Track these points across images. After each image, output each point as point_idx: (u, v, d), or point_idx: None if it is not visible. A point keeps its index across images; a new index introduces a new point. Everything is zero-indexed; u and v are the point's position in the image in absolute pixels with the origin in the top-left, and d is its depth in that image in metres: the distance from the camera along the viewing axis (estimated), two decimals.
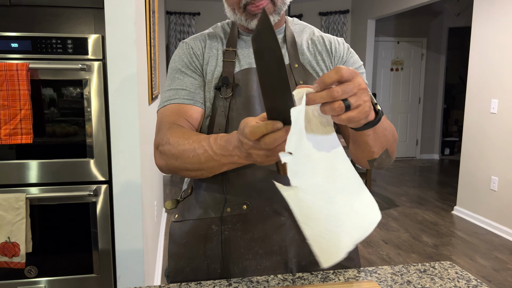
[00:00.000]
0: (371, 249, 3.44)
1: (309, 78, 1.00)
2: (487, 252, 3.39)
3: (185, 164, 0.86)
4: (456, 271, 0.95)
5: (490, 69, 3.92)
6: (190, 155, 0.83)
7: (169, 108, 0.98)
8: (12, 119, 1.65)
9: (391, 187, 5.44)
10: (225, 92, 0.97)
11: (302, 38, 1.06)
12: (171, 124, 0.94)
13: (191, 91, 0.99)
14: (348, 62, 1.04)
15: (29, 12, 1.77)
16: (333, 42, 1.06)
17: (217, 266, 0.98)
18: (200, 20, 6.71)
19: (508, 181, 3.70)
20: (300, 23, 1.11)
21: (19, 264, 1.74)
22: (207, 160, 0.81)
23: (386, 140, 0.87)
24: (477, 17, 4.10)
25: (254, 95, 0.97)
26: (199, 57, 1.02)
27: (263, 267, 0.96)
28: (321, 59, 1.03)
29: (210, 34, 1.07)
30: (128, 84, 1.74)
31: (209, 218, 0.98)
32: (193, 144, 0.83)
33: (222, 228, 0.97)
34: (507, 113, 3.73)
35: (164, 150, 0.89)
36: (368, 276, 0.92)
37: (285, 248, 0.96)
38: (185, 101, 0.97)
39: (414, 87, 7.18)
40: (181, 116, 0.96)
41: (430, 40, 7.06)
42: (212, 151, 0.79)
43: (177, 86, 1.00)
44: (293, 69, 1.00)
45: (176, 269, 1.02)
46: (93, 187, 1.80)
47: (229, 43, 1.03)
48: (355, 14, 6.64)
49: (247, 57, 1.02)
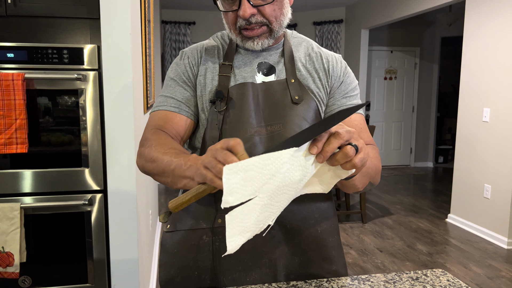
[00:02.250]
0: (366, 257, 3.44)
1: (305, 94, 1.01)
2: (481, 260, 3.41)
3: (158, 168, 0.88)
4: (448, 278, 0.96)
5: (482, 78, 3.97)
6: (164, 160, 0.86)
7: (158, 113, 1.02)
8: (8, 129, 1.65)
9: (386, 196, 5.47)
10: (219, 105, 0.98)
11: (299, 53, 1.06)
12: (156, 129, 0.98)
13: (178, 100, 1.01)
14: (345, 83, 1.05)
15: (25, 22, 1.78)
16: (331, 61, 1.06)
17: (207, 277, 0.99)
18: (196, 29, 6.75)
19: (501, 188, 3.73)
20: (299, 37, 1.11)
21: (13, 274, 1.73)
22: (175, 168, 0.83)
23: (370, 176, 0.91)
24: (468, 27, 4.16)
25: (248, 109, 0.98)
26: (194, 68, 1.04)
27: (253, 279, 0.97)
28: (318, 77, 1.04)
29: (208, 45, 1.07)
30: (124, 93, 1.75)
31: (200, 228, 0.99)
32: (171, 153, 0.86)
33: (213, 239, 0.98)
34: (499, 121, 3.77)
35: (144, 152, 0.93)
36: (361, 284, 0.93)
37: (274, 261, 0.97)
38: (171, 108, 1.01)
39: (408, 96, 7.24)
40: (167, 123, 0.99)
41: (423, 50, 7.14)
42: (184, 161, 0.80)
43: (168, 93, 1.03)
44: (289, 84, 1.01)
45: (167, 279, 1.03)
46: (88, 197, 1.80)
47: (226, 57, 1.04)
48: (349, 23, 6.71)
49: (243, 71, 1.02)
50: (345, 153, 0.68)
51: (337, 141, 0.67)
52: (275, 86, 1.01)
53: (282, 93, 1.00)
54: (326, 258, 1.03)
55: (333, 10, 6.88)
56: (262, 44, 0.98)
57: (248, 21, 0.94)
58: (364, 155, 0.71)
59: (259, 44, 0.98)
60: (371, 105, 7.13)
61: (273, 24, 0.96)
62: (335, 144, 0.67)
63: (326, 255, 1.02)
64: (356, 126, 1.01)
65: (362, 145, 0.71)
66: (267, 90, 1.00)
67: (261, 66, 1.03)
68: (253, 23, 0.94)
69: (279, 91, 1.00)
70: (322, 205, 1.04)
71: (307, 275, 1.01)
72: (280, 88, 1.00)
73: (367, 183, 0.91)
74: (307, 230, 0.99)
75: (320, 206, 1.03)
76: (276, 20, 0.96)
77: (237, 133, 0.96)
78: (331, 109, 1.04)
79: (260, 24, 0.95)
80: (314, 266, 1.01)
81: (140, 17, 2.20)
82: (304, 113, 0.99)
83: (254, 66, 1.03)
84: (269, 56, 1.04)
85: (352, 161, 0.69)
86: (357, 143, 0.70)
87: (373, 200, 5.24)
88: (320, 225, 1.02)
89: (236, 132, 0.96)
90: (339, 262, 1.05)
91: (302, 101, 1.00)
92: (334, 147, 0.68)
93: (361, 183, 0.88)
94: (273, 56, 1.05)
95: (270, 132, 0.97)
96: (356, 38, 6.40)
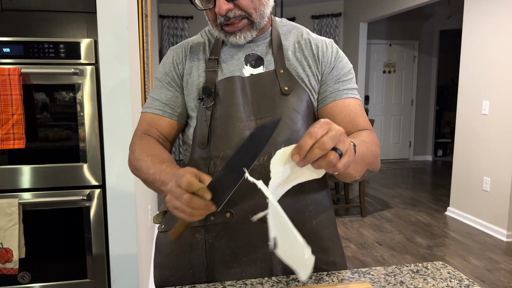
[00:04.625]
0: (365, 250, 3.45)
1: (294, 84, 0.98)
2: (480, 253, 3.42)
3: (140, 177, 0.93)
4: (448, 271, 0.96)
5: (481, 70, 3.96)
6: (144, 171, 0.89)
7: (145, 116, 1.04)
8: (4, 124, 1.64)
9: (385, 189, 5.47)
10: (206, 101, 0.97)
11: (288, 42, 1.03)
12: (142, 134, 1.01)
13: (163, 102, 1.02)
14: (337, 68, 1.02)
15: (21, 17, 1.76)
16: (321, 46, 1.03)
17: (202, 275, 0.98)
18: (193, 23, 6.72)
19: (500, 181, 3.74)
20: (289, 24, 1.08)
21: (12, 270, 1.72)
22: (153, 181, 0.87)
23: (366, 163, 0.88)
24: (467, 19, 4.14)
25: (236, 103, 0.96)
26: (178, 67, 1.03)
27: (248, 274, 0.97)
28: (307, 65, 1.01)
29: (194, 42, 1.06)
30: (121, 88, 1.74)
31: (193, 227, 0.98)
32: (149, 163, 0.89)
33: (206, 236, 0.98)
34: (498, 114, 3.77)
35: (130, 158, 0.97)
36: (361, 277, 0.93)
37: (269, 255, 0.96)
38: (156, 111, 1.02)
39: (407, 89, 7.23)
40: (152, 126, 1.02)
41: (422, 43, 7.12)
42: (159, 175, 0.84)
43: (154, 95, 1.04)
44: (278, 75, 0.98)
45: (162, 280, 1.02)
46: (86, 192, 1.79)
47: (212, 52, 1.02)
48: (347, 17, 6.69)
49: (230, 65, 1.00)
50: (328, 160, 0.66)
51: (320, 152, 0.66)
52: (264, 78, 0.98)
53: (271, 84, 0.98)
54: (323, 249, 1.01)
55: (332, 4, 6.85)
56: (245, 38, 0.97)
57: (226, 16, 0.92)
58: (349, 158, 0.69)
59: (242, 38, 0.96)
60: (370, 99, 7.12)
61: (253, 16, 0.94)
62: (318, 154, 0.66)
63: (322, 246, 1.01)
64: (351, 111, 0.99)
65: (348, 146, 0.69)
66: (256, 83, 0.98)
67: (249, 58, 1.01)
68: (231, 17, 0.92)
69: (268, 83, 0.98)
70: (317, 197, 1.02)
71: None
72: (269, 79, 0.98)
73: (364, 171, 0.89)
74: (302, 223, 0.97)
75: (314, 198, 1.01)
76: (256, 11, 0.94)
77: (226, 128, 0.95)
78: (324, 96, 1.01)
79: (240, 18, 0.93)
80: None
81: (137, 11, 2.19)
82: (295, 104, 0.96)
83: (242, 58, 1.01)
84: (257, 47, 1.02)
85: (335, 167, 0.67)
86: (342, 146, 0.67)
87: (372, 193, 5.25)
88: (315, 217, 1.01)
89: (225, 127, 0.95)
90: (337, 253, 1.04)
91: (292, 91, 0.97)
92: (316, 156, 0.66)
93: (357, 172, 0.86)
94: (261, 46, 1.02)
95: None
96: (355, 32, 6.38)
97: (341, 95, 1.00)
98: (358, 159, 0.82)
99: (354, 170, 0.84)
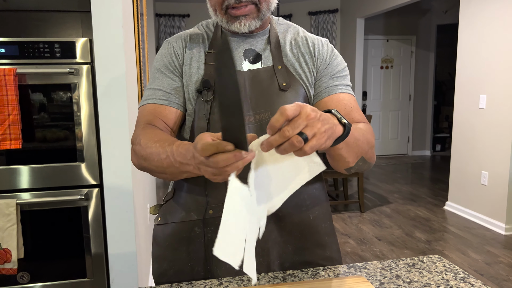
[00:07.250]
0: (365, 246, 3.46)
1: (292, 80, 1.00)
2: (479, 246, 3.43)
3: (151, 166, 0.88)
4: (444, 264, 0.96)
5: (478, 65, 3.96)
6: (155, 159, 0.85)
7: (146, 107, 1.00)
8: (1, 125, 1.64)
9: (384, 185, 5.48)
10: (206, 95, 0.97)
11: (286, 39, 1.05)
12: (146, 124, 0.96)
13: (167, 91, 1.00)
14: (332, 64, 1.04)
15: (16, 17, 1.76)
16: (317, 43, 1.05)
17: (200, 269, 0.99)
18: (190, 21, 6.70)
19: (498, 175, 3.75)
20: (285, 23, 1.10)
21: (11, 270, 1.73)
22: (168, 165, 0.82)
23: (360, 149, 0.88)
24: (464, 14, 4.14)
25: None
26: (179, 57, 1.02)
27: None
28: (304, 61, 1.03)
29: (193, 33, 1.06)
30: (117, 87, 1.74)
31: (192, 220, 0.99)
32: (159, 148, 0.84)
33: (204, 230, 0.98)
34: (495, 108, 3.77)
35: (135, 150, 0.92)
36: (357, 272, 0.93)
37: (267, 250, 0.97)
38: (160, 101, 0.99)
39: (405, 85, 7.23)
40: (157, 117, 0.97)
41: (419, 38, 7.12)
42: (173, 157, 0.80)
43: (155, 86, 1.01)
44: (276, 71, 0.99)
45: (159, 272, 1.02)
46: (84, 191, 1.79)
47: (211, 45, 1.02)
48: (344, 13, 6.68)
49: None
50: (291, 143, 0.65)
51: (281, 139, 0.65)
52: (262, 73, 0.99)
53: (269, 80, 0.98)
54: (320, 245, 1.02)
55: (328, 0, 6.83)
56: (249, 26, 0.97)
57: None
58: (318, 141, 0.67)
59: (246, 26, 0.96)
60: (368, 95, 7.12)
61: (262, 4, 0.96)
62: (279, 141, 0.65)
63: (319, 241, 1.02)
64: (346, 105, 0.99)
65: (317, 130, 0.67)
66: (254, 78, 0.99)
67: (247, 54, 1.02)
68: (242, 1, 0.93)
69: (266, 78, 0.99)
70: (313, 191, 1.03)
71: (301, 262, 1.01)
72: (267, 75, 0.99)
73: (358, 157, 0.89)
74: (299, 217, 0.98)
75: (311, 192, 1.02)
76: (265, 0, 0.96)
77: None
78: (319, 91, 1.02)
79: (250, 2, 0.94)
80: (307, 253, 1.01)
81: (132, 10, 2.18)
82: (292, 100, 0.97)
83: (241, 53, 1.01)
84: (255, 43, 1.03)
85: (302, 149, 0.66)
86: (310, 130, 0.66)
87: (371, 189, 5.26)
88: (312, 211, 1.02)
89: None
90: (333, 248, 1.05)
91: (289, 87, 0.98)
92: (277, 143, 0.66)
93: (350, 156, 0.85)
94: (259, 42, 1.03)
95: (259, 120, 0.96)
96: (352, 28, 6.37)
97: (336, 90, 1.01)
98: (352, 142, 0.83)
99: (347, 153, 0.84)
